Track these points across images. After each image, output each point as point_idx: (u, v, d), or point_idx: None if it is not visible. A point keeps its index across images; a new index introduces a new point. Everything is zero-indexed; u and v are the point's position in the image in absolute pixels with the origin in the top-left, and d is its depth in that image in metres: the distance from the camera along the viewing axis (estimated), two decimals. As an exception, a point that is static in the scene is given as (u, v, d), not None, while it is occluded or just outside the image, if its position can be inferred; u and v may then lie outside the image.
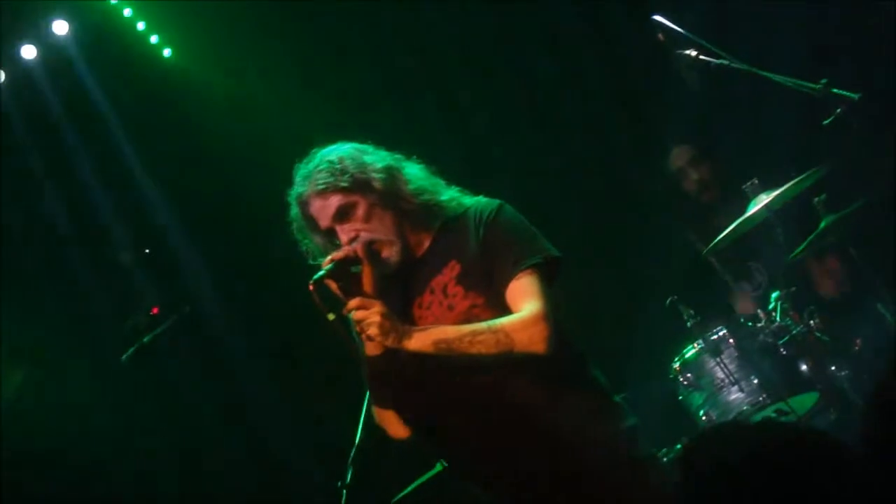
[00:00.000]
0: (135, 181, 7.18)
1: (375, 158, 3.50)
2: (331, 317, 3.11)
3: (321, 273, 3.18)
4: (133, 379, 6.71)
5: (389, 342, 3.16)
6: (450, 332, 3.21)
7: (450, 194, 3.54)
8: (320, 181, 3.41)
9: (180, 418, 6.98)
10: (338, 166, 3.41)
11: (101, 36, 7.04)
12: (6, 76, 6.92)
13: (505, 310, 3.26)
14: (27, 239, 7.10)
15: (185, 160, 7.13)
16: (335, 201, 3.39)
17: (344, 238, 3.36)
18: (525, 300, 3.24)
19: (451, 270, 3.39)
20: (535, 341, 3.18)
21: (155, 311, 6.80)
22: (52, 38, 6.96)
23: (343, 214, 3.37)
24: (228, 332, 7.27)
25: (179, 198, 7.31)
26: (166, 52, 7.13)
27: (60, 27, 6.93)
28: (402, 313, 3.37)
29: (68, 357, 6.85)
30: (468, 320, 3.27)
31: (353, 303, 3.17)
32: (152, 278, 7.15)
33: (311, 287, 3.13)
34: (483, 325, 3.21)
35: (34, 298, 6.95)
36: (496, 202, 3.48)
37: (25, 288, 6.89)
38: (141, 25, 7.02)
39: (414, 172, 3.53)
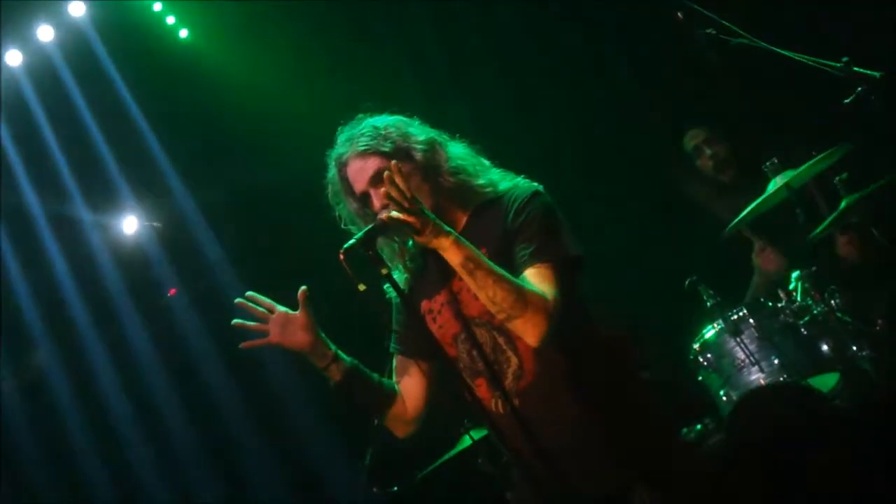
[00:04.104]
0: (152, 161, 7.14)
1: (419, 131, 3.51)
2: (361, 287, 3.07)
3: (351, 242, 3.13)
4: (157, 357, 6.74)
5: (428, 232, 3.11)
6: (484, 261, 3.15)
7: (488, 178, 3.51)
8: (361, 143, 3.43)
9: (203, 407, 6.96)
10: (381, 132, 3.44)
11: (118, 19, 7.00)
12: (23, 57, 6.90)
13: None
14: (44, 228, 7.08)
15: (202, 142, 7.11)
16: (373, 164, 3.40)
17: (377, 203, 3.33)
18: (539, 287, 3.19)
19: None
20: (536, 327, 3.14)
21: (172, 292, 6.82)
22: (68, 20, 6.93)
23: (379, 178, 3.27)
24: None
25: (196, 179, 7.29)
26: (183, 34, 7.10)
27: (77, 9, 6.91)
28: (438, 293, 3.44)
29: (90, 337, 6.84)
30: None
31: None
32: (170, 259, 7.12)
33: (341, 256, 3.08)
34: (513, 279, 3.18)
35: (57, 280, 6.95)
36: (532, 189, 3.45)
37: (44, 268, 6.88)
38: (158, 6, 6.99)
39: (456, 151, 3.54)
